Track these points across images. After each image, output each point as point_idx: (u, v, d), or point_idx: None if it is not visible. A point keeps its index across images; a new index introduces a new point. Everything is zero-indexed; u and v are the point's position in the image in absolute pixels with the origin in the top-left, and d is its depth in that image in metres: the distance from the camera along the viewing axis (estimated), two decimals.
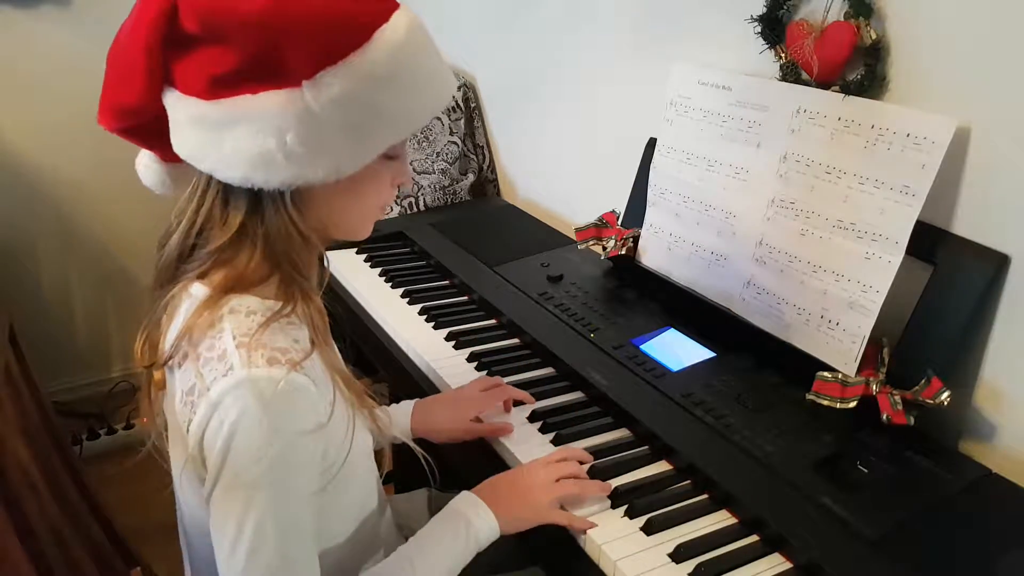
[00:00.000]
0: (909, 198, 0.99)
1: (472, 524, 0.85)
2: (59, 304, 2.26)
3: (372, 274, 1.51)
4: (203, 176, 0.73)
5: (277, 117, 0.67)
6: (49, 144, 2.08)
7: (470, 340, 1.26)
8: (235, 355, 0.69)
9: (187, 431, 0.72)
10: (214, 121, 0.69)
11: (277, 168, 0.68)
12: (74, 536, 1.31)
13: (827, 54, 1.09)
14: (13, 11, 1.96)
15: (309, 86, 0.67)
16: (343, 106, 0.68)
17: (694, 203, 1.28)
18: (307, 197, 0.73)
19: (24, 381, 1.51)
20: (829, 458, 0.95)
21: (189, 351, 0.73)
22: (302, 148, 0.68)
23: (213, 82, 0.68)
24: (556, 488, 0.89)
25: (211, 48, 0.67)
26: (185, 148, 0.72)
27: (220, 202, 0.74)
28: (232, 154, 0.69)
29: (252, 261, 0.74)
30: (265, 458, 0.68)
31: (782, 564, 0.84)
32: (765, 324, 1.16)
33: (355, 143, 0.71)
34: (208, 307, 0.73)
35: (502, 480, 0.92)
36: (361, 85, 0.68)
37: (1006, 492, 0.92)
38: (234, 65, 0.66)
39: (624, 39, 1.51)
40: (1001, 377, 0.99)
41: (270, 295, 0.76)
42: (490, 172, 1.98)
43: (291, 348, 0.72)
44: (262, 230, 0.73)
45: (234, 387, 0.68)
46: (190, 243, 0.76)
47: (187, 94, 0.70)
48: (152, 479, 0.86)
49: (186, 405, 0.72)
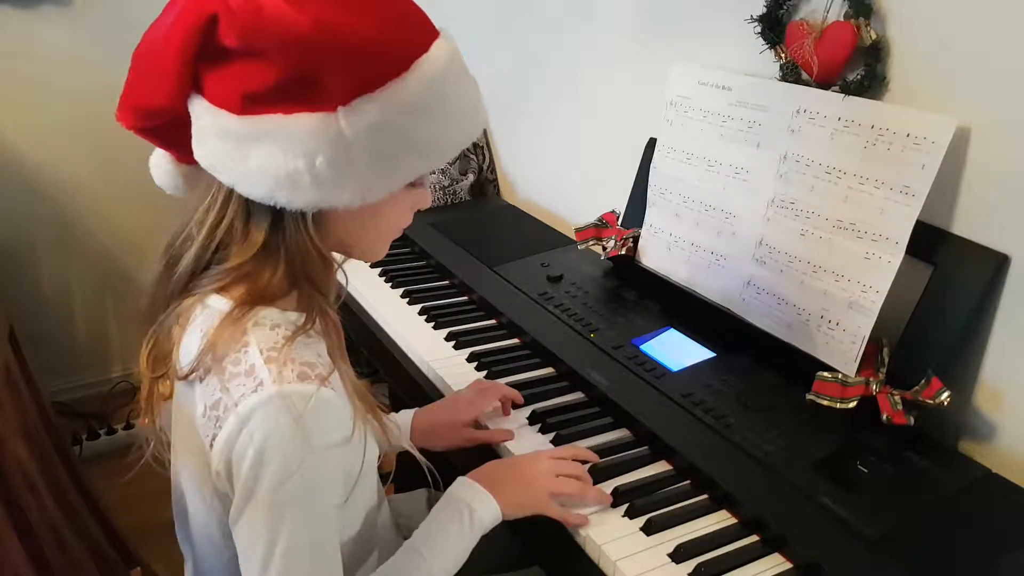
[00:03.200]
0: (909, 198, 0.99)
1: (475, 510, 0.85)
2: (59, 304, 2.25)
3: (372, 274, 1.51)
4: (223, 188, 0.72)
5: (309, 139, 0.66)
6: (49, 144, 2.08)
7: (470, 340, 1.26)
8: (264, 370, 0.69)
9: (210, 446, 0.71)
10: (242, 136, 0.67)
11: (303, 189, 0.68)
12: (74, 536, 1.31)
13: (827, 54, 1.09)
14: (13, 11, 1.96)
15: (345, 112, 0.66)
16: (376, 134, 0.67)
17: (694, 203, 1.28)
18: (328, 218, 0.73)
19: (24, 381, 1.51)
20: (829, 458, 0.95)
21: (213, 365, 0.72)
22: (331, 172, 0.67)
23: (246, 98, 0.66)
24: (557, 483, 0.90)
25: (248, 64, 0.65)
26: (208, 158, 0.71)
27: (242, 217, 0.72)
28: (257, 170, 0.67)
29: (275, 277, 0.73)
30: (297, 474, 0.68)
31: (782, 564, 0.84)
32: (765, 324, 1.16)
33: (384, 172, 0.70)
34: (232, 321, 0.72)
35: (501, 466, 0.92)
36: (396, 115, 0.68)
37: (1006, 492, 0.92)
38: (271, 83, 0.65)
39: (624, 39, 1.51)
40: (1001, 377, 0.99)
41: (290, 307, 0.76)
42: (490, 172, 1.98)
43: (318, 363, 0.72)
44: (283, 247, 0.72)
45: (266, 402, 0.68)
46: (207, 257, 0.75)
47: (216, 105, 0.68)
48: (152, 479, 0.86)
49: (210, 420, 0.71)
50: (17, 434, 1.27)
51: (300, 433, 0.68)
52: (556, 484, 0.90)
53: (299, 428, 0.67)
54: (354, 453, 0.75)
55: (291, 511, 0.69)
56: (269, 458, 0.67)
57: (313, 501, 0.70)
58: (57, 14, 2.01)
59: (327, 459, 0.71)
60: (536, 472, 0.90)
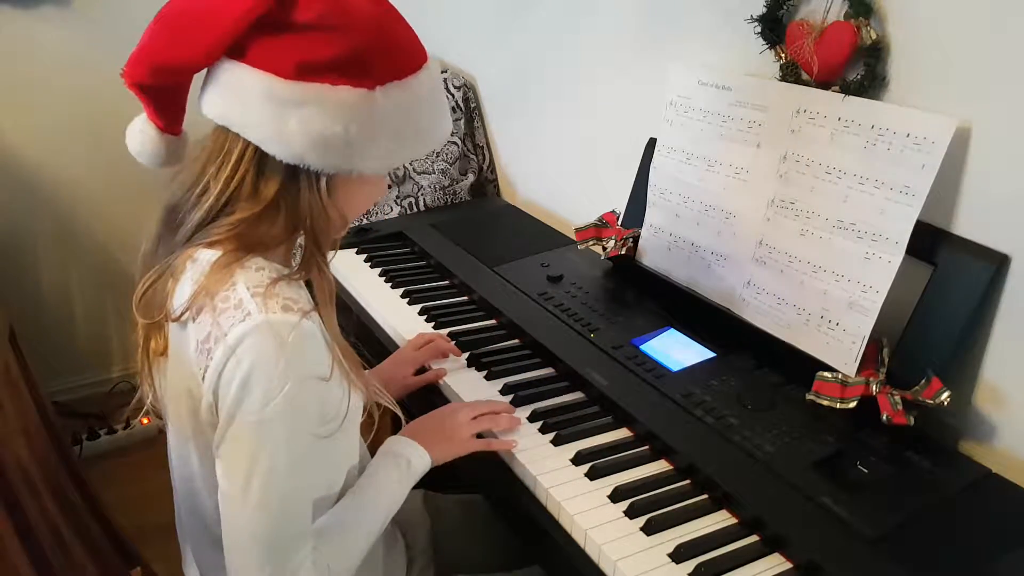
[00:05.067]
0: (909, 198, 0.99)
1: (412, 463, 0.95)
2: (59, 304, 2.26)
3: (372, 274, 1.51)
4: (239, 144, 0.78)
5: (348, 110, 0.75)
6: (49, 144, 2.08)
7: (470, 340, 1.26)
8: (251, 302, 0.75)
9: (202, 379, 0.76)
10: (285, 99, 0.74)
11: (335, 152, 0.76)
12: (74, 536, 1.31)
13: (827, 54, 1.09)
14: (13, 11, 1.96)
15: (381, 91, 0.76)
16: (398, 114, 0.78)
17: (694, 203, 1.28)
18: (337, 184, 0.80)
19: (24, 381, 1.51)
20: (829, 458, 0.95)
21: (204, 303, 0.77)
22: (361, 140, 0.76)
23: (302, 66, 0.73)
24: (474, 424, 1.01)
25: (314, 36, 0.73)
26: (243, 118, 0.76)
27: (254, 173, 0.78)
28: (295, 132, 0.74)
29: (272, 230, 0.80)
30: (280, 396, 0.74)
31: (782, 564, 0.84)
32: (765, 324, 1.16)
33: (397, 148, 0.80)
34: (222, 266, 0.78)
35: (427, 421, 1.03)
36: (413, 101, 0.79)
37: (1006, 492, 0.92)
38: (330, 56, 0.74)
39: (624, 39, 1.51)
40: (1001, 377, 0.99)
41: (276, 259, 0.83)
42: (490, 172, 1.98)
43: (300, 298, 0.79)
44: (290, 202, 0.79)
45: (253, 330, 0.73)
46: (217, 209, 0.80)
47: (264, 69, 0.74)
48: (152, 479, 0.87)
49: (201, 353, 0.77)
50: (17, 434, 1.27)
51: (284, 358, 0.74)
52: (473, 425, 1.01)
53: (283, 353, 0.74)
54: (333, 394, 0.80)
55: (273, 430, 0.75)
56: (255, 382, 0.73)
57: (294, 424, 0.76)
58: (57, 14, 2.01)
59: (308, 388, 0.76)
60: (456, 422, 1.01)
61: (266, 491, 0.75)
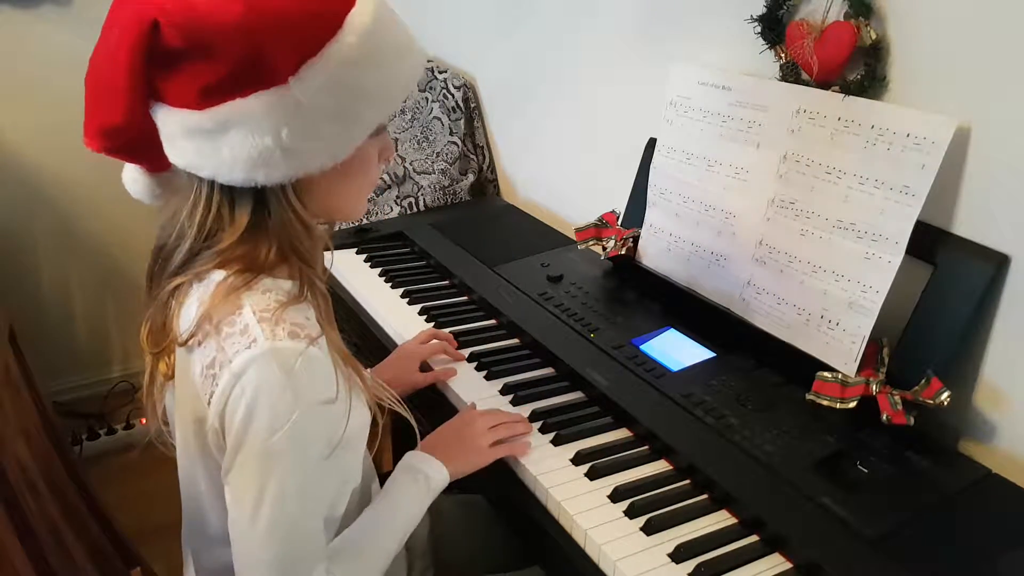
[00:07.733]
0: (909, 198, 0.99)
1: (430, 477, 0.93)
2: (59, 304, 2.25)
3: (372, 274, 1.51)
4: (205, 183, 0.76)
5: (270, 116, 0.70)
6: (49, 144, 2.08)
7: (470, 340, 1.26)
8: (257, 328, 0.73)
9: (208, 403, 0.75)
10: (209, 130, 0.71)
11: (277, 164, 0.72)
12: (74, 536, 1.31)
13: (827, 54, 1.09)
14: (13, 11, 1.96)
15: (295, 82, 0.70)
16: (329, 94, 0.72)
17: (694, 203, 1.28)
18: (307, 187, 0.77)
19: (24, 381, 1.51)
20: (829, 458, 0.95)
21: (210, 329, 0.76)
22: (298, 141, 0.72)
23: (203, 92, 0.70)
24: (491, 433, 0.99)
25: (197, 60, 0.69)
26: (183, 158, 0.74)
27: (227, 205, 0.76)
28: (231, 159, 0.71)
29: (270, 252, 0.78)
30: (287, 425, 0.72)
31: (782, 564, 0.84)
32: (765, 324, 1.16)
33: (345, 128, 0.74)
34: (228, 288, 0.76)
35: (444, 434, 1.00)
36: (341, 71, 0.72)
37: (1006, 492, 0.92)
38: (222, 73, 0.69)
39: (624, 39, 1.51)
40: (1001, 377, 0.99)
41: (282, 277, 0.80)
42: (490, 172, 1.98)
43: (307, 324, 0.76)
44: (269, 223, 0.77)
45: (258, 357, 0.72)
46: (199, 246, 0.78)
47: (177, 107, 0.72)
48: (152, 479, 0.87)
49: (207, 378, 0.75)
50: (17, 434, 1.27)
51: (290, 387, 0.72)
52: (491, 435, 0.99)
53: (289, 382, 0.72)
54: (339, 415, 0.78)
55: (281, 460, 0.73)
56: (260, 410, 0.71)
57: (303, 451, 0.74)
58: (57, 14, 2.01)
59: (316, 413, 0.74)
60: (474, 432, 0.99)
61: (276, 517, 0.74)
